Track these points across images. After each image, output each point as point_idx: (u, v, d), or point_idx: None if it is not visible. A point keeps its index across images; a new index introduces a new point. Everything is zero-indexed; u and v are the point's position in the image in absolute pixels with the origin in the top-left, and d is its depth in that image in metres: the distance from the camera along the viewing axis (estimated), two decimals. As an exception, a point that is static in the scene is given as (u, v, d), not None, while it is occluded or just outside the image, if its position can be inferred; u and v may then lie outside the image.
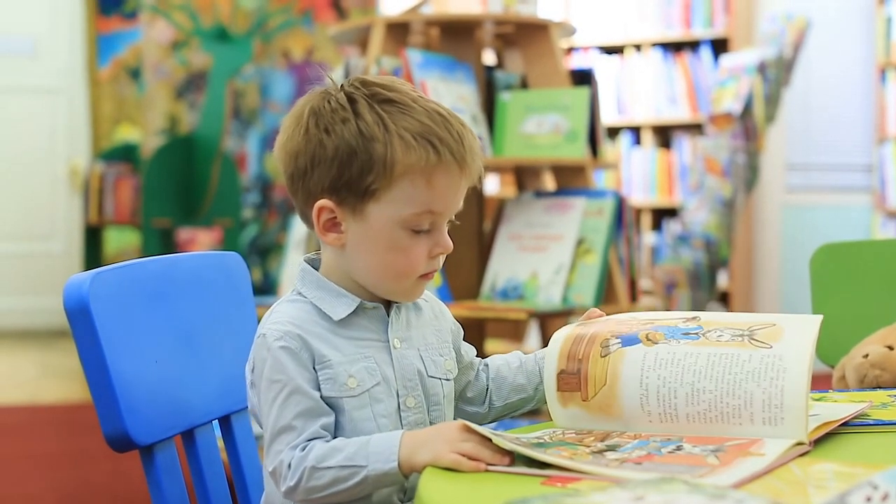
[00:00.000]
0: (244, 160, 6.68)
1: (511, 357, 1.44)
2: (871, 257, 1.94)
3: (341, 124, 1.26)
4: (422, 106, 1.28)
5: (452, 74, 3.03)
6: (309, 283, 1.32)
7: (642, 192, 5.80)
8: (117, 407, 1.29)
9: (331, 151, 1.26)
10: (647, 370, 1.20)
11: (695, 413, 1.17)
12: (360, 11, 6.80)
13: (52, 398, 5.05)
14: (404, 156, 1.25)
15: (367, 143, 1.25)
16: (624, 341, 1.24)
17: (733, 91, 4.87)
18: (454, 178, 1.28)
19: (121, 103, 6.98)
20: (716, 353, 1.19)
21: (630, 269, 3.16)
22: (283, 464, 1.21)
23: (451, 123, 1.29)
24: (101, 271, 1.32)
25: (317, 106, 1.29)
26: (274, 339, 1.25)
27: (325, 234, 1.30)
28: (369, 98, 1.28)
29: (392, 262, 1.29)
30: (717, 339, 1.21)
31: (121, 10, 6.97)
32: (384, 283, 1.31)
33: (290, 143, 1.30)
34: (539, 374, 1.40)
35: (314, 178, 1.28)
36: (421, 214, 1.27)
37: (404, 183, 1.26)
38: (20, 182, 7.33)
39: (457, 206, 1.31)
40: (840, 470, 1.01)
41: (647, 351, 1.22)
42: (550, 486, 1.00)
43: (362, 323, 1.31)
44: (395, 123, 1.26)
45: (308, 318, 1.28)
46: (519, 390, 1.42)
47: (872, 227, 5.81)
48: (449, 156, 1.27)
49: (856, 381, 1.57)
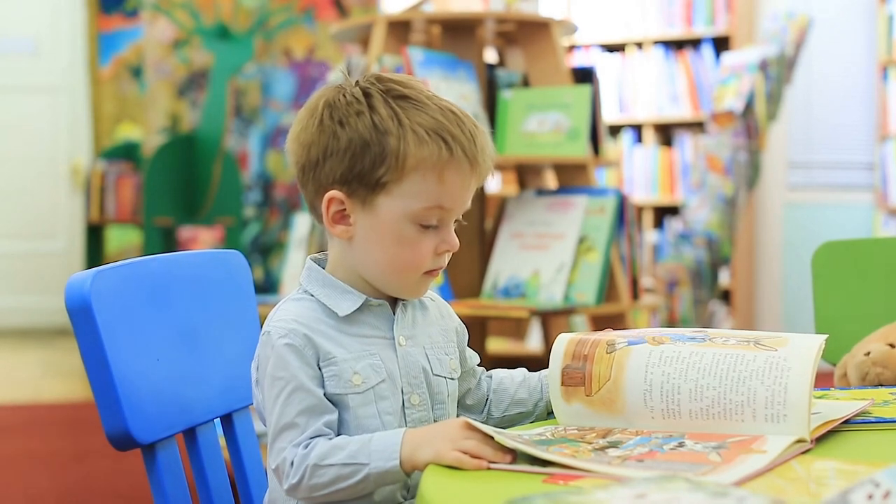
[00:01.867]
0: (246, 158, 6.68)
1: (516, 372, 1.45)
2: (872, 255, 1.94)
3: (356, 117, 1.27)
4: (436, 104, 1.29)
5: (454, 73, 3.03)
6: (315, 281, 1.33)
7: (644, 191, 5.80)
8: (119, 405, 1.29)
9: (344, 143, 1.27)
10: (652, 366, 1.21)
11: (698, 409, 1.17)
12: (362, 9, 6.79)
13: (53, 397, 5.05)
14: (417, 150, 1.26)
15: (381, 136, 1.26)
16: (630, 341, 1.24)
17: (735, 89, 4.87)
18: (465, 176, 1.29)
19: (122, 102, 6.98)
20: (721, 353, 1.19)
21: (632, 268, 3.16)
22: (285, 461, 1.21)
23: (464, 122, 1.30)
24: (102, 270, 1.32)
25: (332, 98, 1.30)
26: (278, 337, 1.25)
27: (334, 225, 1.31)
28: (384, 93, 1.29)
29: (398, 256, 1.29)
30: (723, 343, 1.21)
31: (122, 9, 6.97)
32: (389, 278, 1.31)
33: (303, 133, 1.31)
34: (541, 391, 1.41)
35: (326, 169, 1.29)
36: (430, 209, 1.28)
37: (415, 177, 1.26)
38: (22, 181, 7.33)
39: (465, 204, 1.32)
40: (842, 468, 1.01)
41: (653, 349, 1.22)
42: (553, 484, 1.00)
43: (368, 320, 1.31)
44: (409, 118, 1.27)
45: (313, 315, 1.29)
46: (519, 404, 1.41)
47: (874, 225, 5.80)
48: (461, 153, 1.27)
49: (857, 378, 1.57)
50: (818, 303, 1.92)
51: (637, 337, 1.25)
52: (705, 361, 1.19)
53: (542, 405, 1.40)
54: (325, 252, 1.37)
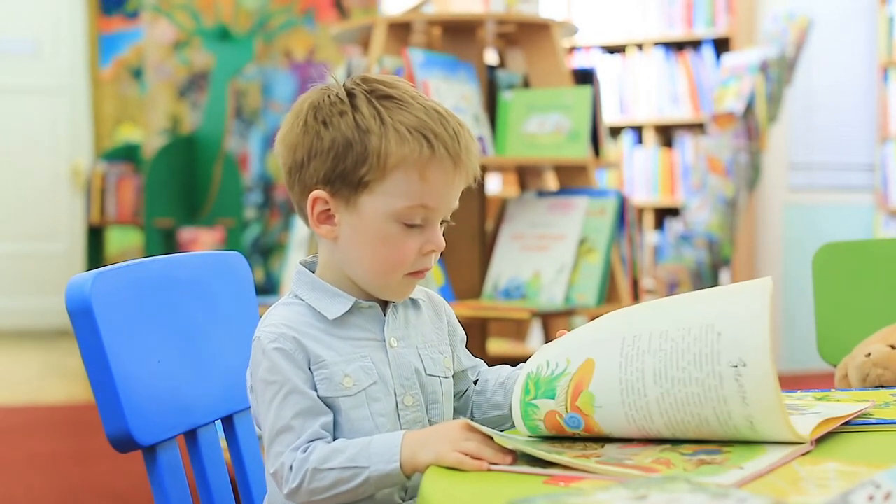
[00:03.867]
0: (246, 160, 6.69)
1: (502, 371, 1.42)
2: (873, 257, 1.94)
3: (339, 117, 1.27)
4: (420, 103, 1.29)
5: (454, 74, 3.03)
6: (304, 285, 1.33)
7: (644, 192, 5.80)
8: (120, 407, 1.29)
9: (327, 143, 1.27)
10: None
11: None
12: (362, 11, 6.80)
13: (54, 398, 5.05)
14: (398, 148, 1.25)
15: (363, 136, 1.26)
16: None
17: (735, 90, 4.87)
18: (448, 174, 1.28)
19: (123, 103, 6.98)
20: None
21: (632, 269, 3.16)
22: (284, 466, 1.21)
23: (448, 120, 1.29)
24: (103, 271, 1.32)
25: (316, 100, 1.30)
26: (268, 342, 1.25)
27: (319, 226, 1.31)
28: (368, 93, 1.29)
29: (383, 255, 1.29)
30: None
31: (122, 10, 6.97)
32: (373, 278, 1.31)
33: (288, 136, 1.31)
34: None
35: (310, 169, 1.29)
36: (413, 208, 1.27)
37: (398, 175, 1.26)
38: (22, 182, 7.33)
39: (451, 204, 1.31)
40: (842, 469, 1.01)
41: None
42: (553, 486, 1.00)
43: (358, 322, 1.31)
44: (391, 117, 1.27)
45: (303, 319, 1.29)
46: (494, 406, 1.39)
47: (875, 226, 5.81)
48: (443, 150, 1.27)
49: (858, 380, 1.56)
50: (819, 304, 1.93)
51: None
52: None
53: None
54: (316, 256, 1.37)
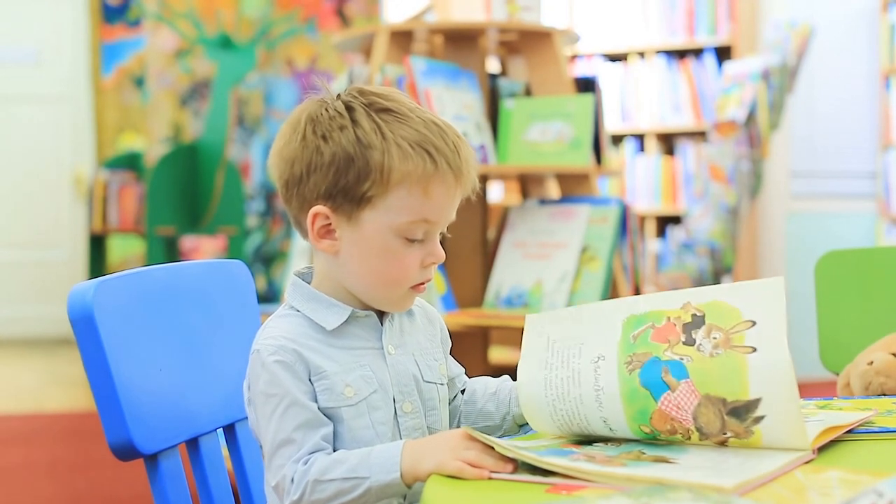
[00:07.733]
0: (248, 168, 6.69)
1: (491, 381, 1.42)
2: (875, 264, 1.93)
3: (339, 131, 1.27)
4: (418, 116, 1.29)
5: (456, 82, 3.04)
6: (300, 296, 1.32)
7: (646, 200, 5.80)
8: (122, 415, 1.29)
9: (328, 158, 1.27)
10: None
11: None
12: (364, 19, 6.81)
13: (56, 406, 5.05)
14: (401, 164, 1.25)
15: (365, 151, 1.26)
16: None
17: (737, 98, 4.87)
18: (450, 188, 1.28)
19: (125, 111, 6.99)
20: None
21: (634, 277, 3.16)
22: (285, 478, 1.21)
23: (447, 134, 1.29)
24: (105, 279, 1.32)
25: (314, 113, 1.30)
26: (268, 354, 1.25)
27: (320, 240, 1.31)
28: (367, 106, 1.28)
29: (385, 269, 1.29)
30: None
31: (124, 19, 6.99)
32: (375, 292, 1.31)
33: (286, 149, 1.30)
34: (508, 404, 1.38)
35: (310, 184, 1.28)
36: (415, 223, 1.27)
37: (400, 191, 1.26)
38: (24, 190, 7.34)
39: (450, 217, 1.31)
40: (845, 477, 1.01)
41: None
42: (555, 494, 1.00)
43: (356, 332, 1.31)
44: (392, 132, 1.26)
45: (301, 331, 1.28)
46: (486, 417, 1.39)
47: (877, 234, 5.80)
48: (445, 165, 1.27)
49: (861, 388, 1.56)
50: (821, 312, 1.92)
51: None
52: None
53: (509, 419, 1.38)
54: (310, 266, 1.37)
